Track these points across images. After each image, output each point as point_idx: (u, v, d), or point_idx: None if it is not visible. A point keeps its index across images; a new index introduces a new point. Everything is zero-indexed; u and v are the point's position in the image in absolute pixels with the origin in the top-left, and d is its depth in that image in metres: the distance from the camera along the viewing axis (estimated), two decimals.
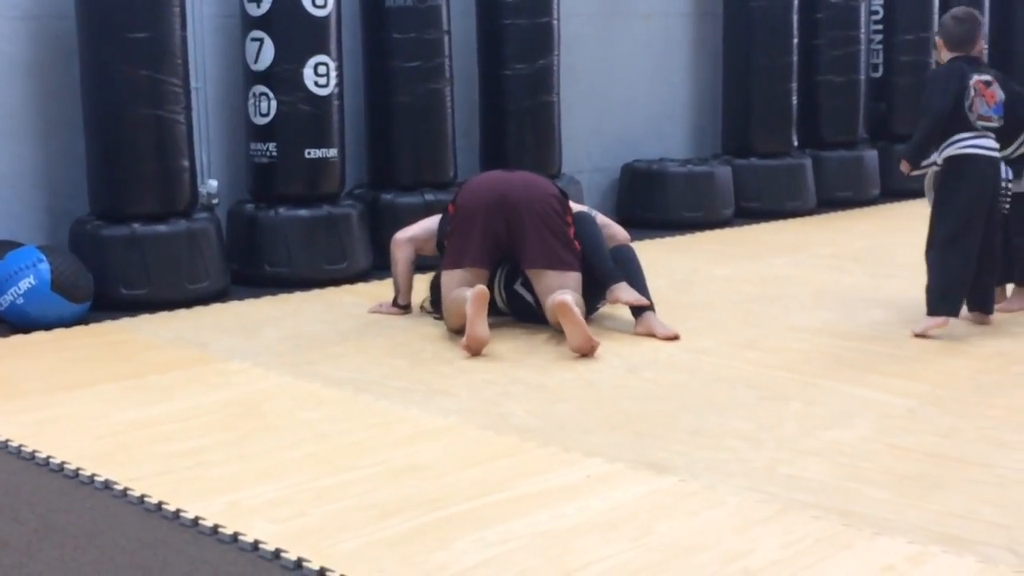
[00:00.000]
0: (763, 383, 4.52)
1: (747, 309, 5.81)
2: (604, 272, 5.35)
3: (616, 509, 3.27)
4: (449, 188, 7.14)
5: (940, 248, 5.21)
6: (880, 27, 10.06)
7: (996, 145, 5.24)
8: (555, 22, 7.79)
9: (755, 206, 8.97)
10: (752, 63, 9.06)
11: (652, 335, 5.24)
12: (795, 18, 9.09)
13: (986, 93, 5.21)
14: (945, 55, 5.36)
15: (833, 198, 9.40)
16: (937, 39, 5.48)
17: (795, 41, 9.12)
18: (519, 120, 7.72)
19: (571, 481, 3.49)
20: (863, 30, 9.63)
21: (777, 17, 9.01)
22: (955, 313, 5.22)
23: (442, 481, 3.50)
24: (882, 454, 3.70)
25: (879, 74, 10.08)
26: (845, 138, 9.63)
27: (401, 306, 5.81)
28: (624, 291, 5.31)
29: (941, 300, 5.18)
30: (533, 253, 5.25)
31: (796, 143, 9.29)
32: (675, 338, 5.21)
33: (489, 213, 5.29)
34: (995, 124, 5.24)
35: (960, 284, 5.21)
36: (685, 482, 3.47)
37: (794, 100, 9.17)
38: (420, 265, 5.85)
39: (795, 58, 9.13)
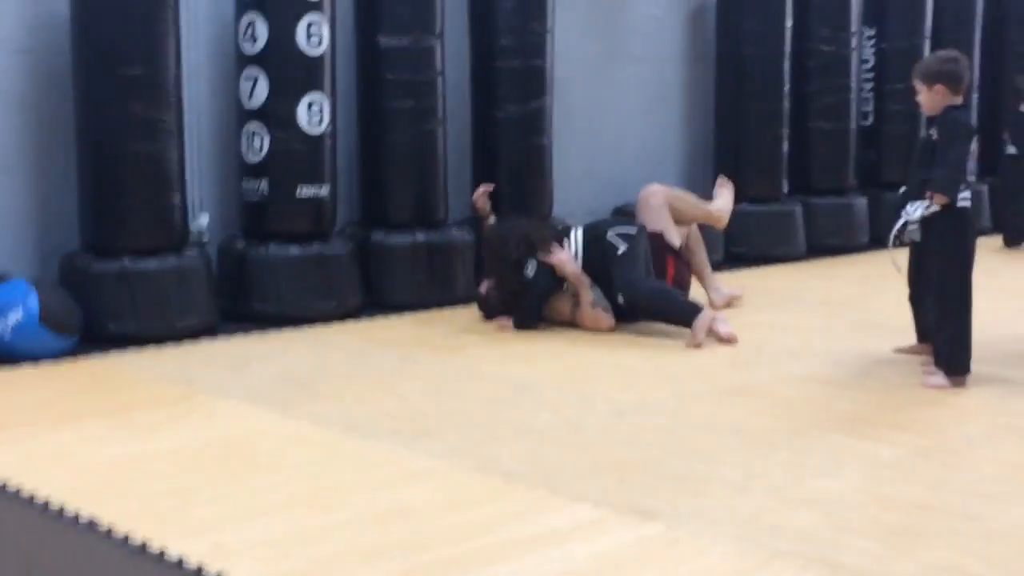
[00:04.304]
0: (751, 430, 4.51)
1: (735, 355, 5.81)
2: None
3: (602, 557, 3.26)
4: (440, 228, 7.16)
5: (955, 303, 5.13)
6: (871, 75, 10.12)
7: None
8: (548, 65, 7.83)
9: (744, 251, 8.98)
10: (744, 109, 9.11)
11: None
12: (787, 65, 9.15)
13: None
14: (947, 100, 5.11)
15: (823, 244, 9.41)
16: (938, 85, 5.10)
17: (786, 88, 9.17)
18: (511, 162, 7.73)
19: (557, 527, 3.48)
20: (854, 78, 9.69)
21: (769, 64, 9.06)
22: (969, 370, 5.20)
23: (427, 525, 3.49)
24: (869, 505, 3.70)
25: (869, 122, 10.12)
26: (835, 185, 9.66)
27: None
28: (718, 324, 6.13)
29: (965, 359, 5.14)
30: None
31: (786, 189, 9.32)
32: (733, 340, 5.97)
33: None
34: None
35: (970, 340, 5.19)
36: (671, 529, 3.46)
37: (785, 146, 9.21)
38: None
39: (786, 104, 9.19)
